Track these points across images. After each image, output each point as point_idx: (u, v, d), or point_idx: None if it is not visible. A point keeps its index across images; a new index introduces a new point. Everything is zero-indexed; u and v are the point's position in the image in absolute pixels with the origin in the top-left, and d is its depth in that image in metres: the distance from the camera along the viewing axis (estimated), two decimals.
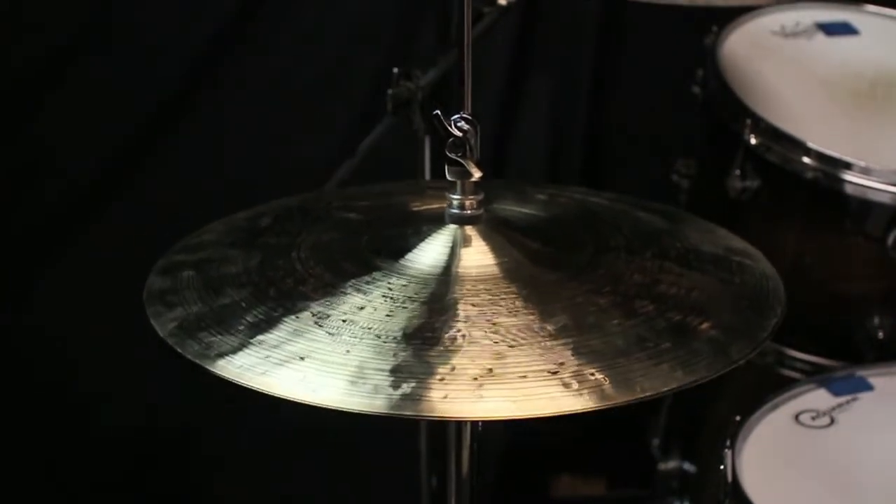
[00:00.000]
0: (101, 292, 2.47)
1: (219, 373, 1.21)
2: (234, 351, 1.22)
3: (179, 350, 1.24)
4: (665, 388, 1.18)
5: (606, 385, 1.17)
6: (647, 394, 1.17)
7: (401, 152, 1.96)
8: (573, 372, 1.18)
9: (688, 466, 2.26)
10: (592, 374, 1.18)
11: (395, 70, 1.92)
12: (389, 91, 1.92)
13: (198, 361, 1.22)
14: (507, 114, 2.70)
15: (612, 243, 1.37)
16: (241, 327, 1.25)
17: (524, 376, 1.18)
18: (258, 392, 1.21)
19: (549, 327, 1.23)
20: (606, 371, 1.19)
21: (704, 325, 1.26)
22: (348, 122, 2.52)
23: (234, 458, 2.63)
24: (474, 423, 1.37)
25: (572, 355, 1.20)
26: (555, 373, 1.18)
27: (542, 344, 1.21)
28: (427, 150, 1.93)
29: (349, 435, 2.42)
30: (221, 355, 1.22)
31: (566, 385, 1.17)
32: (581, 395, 1.17)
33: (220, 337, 1.24)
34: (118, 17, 2.46)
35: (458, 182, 1.33)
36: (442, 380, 1.17)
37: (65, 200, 2.52)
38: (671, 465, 2.28)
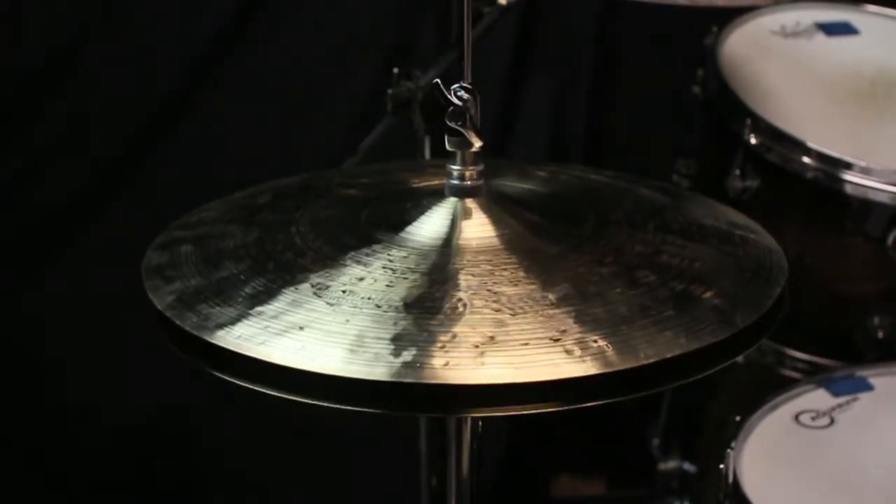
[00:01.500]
0: (101, 292, 2.47)
1: (218, 343, 1.20)
2: (233, 322, 1.22)
3: (178, 322, 1.23)
4: (669, 354, 1.18)
5: (609, 352, 1.17)
6: (651, 360, 1.17)
7: (401, 152, 1.96)
8: (576, 339, 1.18)
9: (688, 466, 2.27)
10: (595, 341, 1.18)
11: (395, 70, 1.92)
12: (389, 91, 1.92)
13: (196, 333, 1.22)
14: (508, 113, 2.70)
15: (614, 217, 1.37)
16: (240, 299, 1.24)
17: (526, 343, 1.18)
18: (258, 391, 1.20)
19: (551, 296, 1.22)
20: (609, 338, 1.18)
21: (708, 294, 1.26)
22: (348, 122, 2.52)
23: (234, 457, 2.63)
24: (474, 422, 1.37)
25: (574, 323, 1.19)
26: (557, 340, 1.18)
27: (544, 312, 1.21)
28: (427, 150, 1.93)
29: (349, 435, 2.42)
30: (220, 326, 1.22)
31: (569, 352, 1.17)
32: (584, 361, 1.16)
33: (218, 308, 1.24)
34: (118, 17, 2.46)
35: (458, 152, 1.33)
36: (443, 347, 1.17)
37: (65, 200, 2.52)
38: (671, 465, 2.28)
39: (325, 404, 1.18)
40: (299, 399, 1.18)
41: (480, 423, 1.38)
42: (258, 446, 2.60)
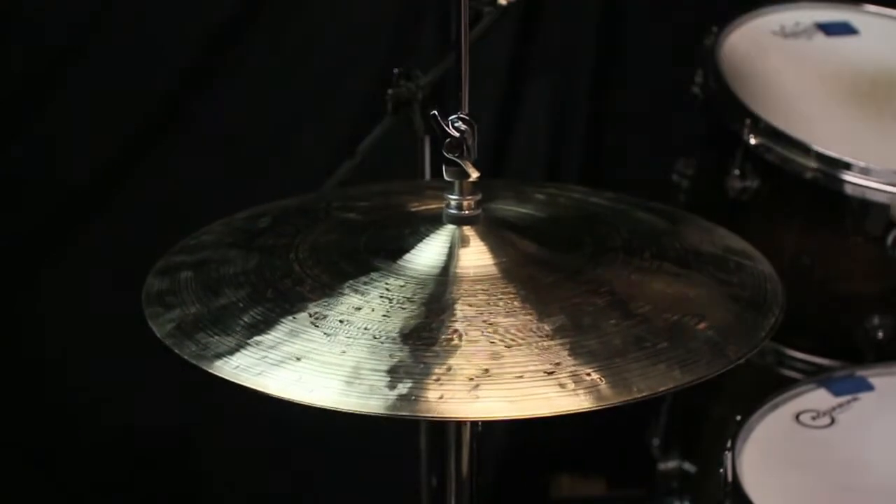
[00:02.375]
0: (101, 292, 2.47)
1: (216, 373, 1.21)
2: (231, 352, 1.23)
3: (177, 351, 1.24)
4: (662, 388, 1.18)
5: (602, 385, 1.18)
6: (644, 394, 1.18)
7: (401, 152, 1.96)
8: (569, 372, 1.19)
9: (688, 466, 2.26)
10: (588, 375, 1.18)
11: (395, 70, 1.92)
12: (389, 91, 1.92)
13: (195, 362, 1.22)
14: (507, 114, 2.70)
15: (611, 244, 1.37)
16: (239, 328, 1.25)
17: (520, 376, 1.18)
18: (257, 392, 1.21)
19: (547, 327, 1.23)
20: (603, 371, 1.19)
21: (702, 325, 1.26)
22: (348, 122, 2.52)
23: (233, 458, 2.63)
24: (474, 423, 1.37)
25: (569, 355, 1.20)
26: (551, 373, 1.18)
27: (539, 344, 1.21)
28: (427, 150, 1.93)
29: (349, 435, 2.42)
30: (218, 356, 1.22)
31: (562, 385, 1.17)
32: (577, 395, 1.17)
33: (217, 337, 1.24)
34: (118, 17, 2.46)
35: (456, 182, 1.33)
36: (438, 380, 1.18)
37: (65, 200, 2.52)
38: (671, 465, 2.28)
39: (325, 406, 1.18)
40: (299, 400, 1.19)
41: (480, 424, 1.38)
42: (258, 446, 2.60)
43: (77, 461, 2.58)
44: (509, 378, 1.18)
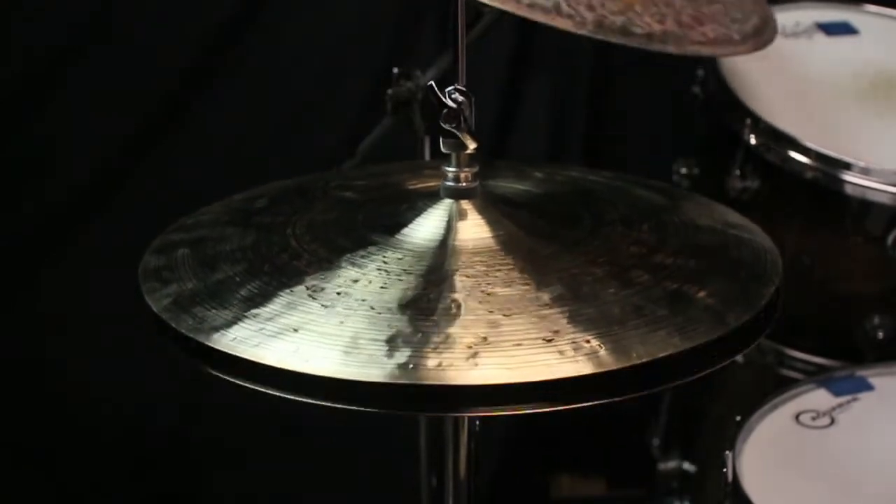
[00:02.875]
0: (101, 292, 2.47)
1: (212, 346, 1.21)
2: (228, 324, 1.22)
3: (174, 325, 1.24)
4: (661, 354, 1.18)
5: (602, 351, 1.17)
6: (644, 359, 1.17)
7: (401, 152, 1.96)
8: (569, 339, 1.18)
9: (688, 466, 2.26)
10: (588, 342, 1.18)
11: (395, 70, 1.92)
12: (389, 91, 1.92)
13: (192, 335, 1.22)
14: (507, 113, 2.70)
15: (609, 217, 1.37)
16: (236, 301, 1.25)
17: (519, 344, 1.18)
18: (257, 391, 1.21)
19: (545, 297, 1.23)
20: (602, 338, 1.18)
21: (701, 293, 1.26)
22: (348, 122, 2.52)
23: (232, 457, 2.63)
24: (472, 423, 1.37)
25: (568, 323, 1.20)
26: (550, 340, 1.18)
27: (538, 313, 1.21)
28: (427, 150, 1.93)
29: (349, 434, 2.42)
30: (215, 329, 1.22)
31: (561, 352, 1.17)
32: (577, 361, 1.17)
33: (214, 311, 1.24)
34: (118, 17, 2.46)
35: (453, 154, 1.33)
36: (436, 349, 1.17)
37: (65, 200, 2.52)
38: (671, 465, 2.27)
39: (322, 403, 1.18)
40: (296, 398, 1.18)
41: (478, 422, 1.38)
42: (258, 446, 2.60)
43: (77, 461, 2.58)
44: (508, 346, 1.18)
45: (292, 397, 1.19)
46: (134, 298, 1.35)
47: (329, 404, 1.18)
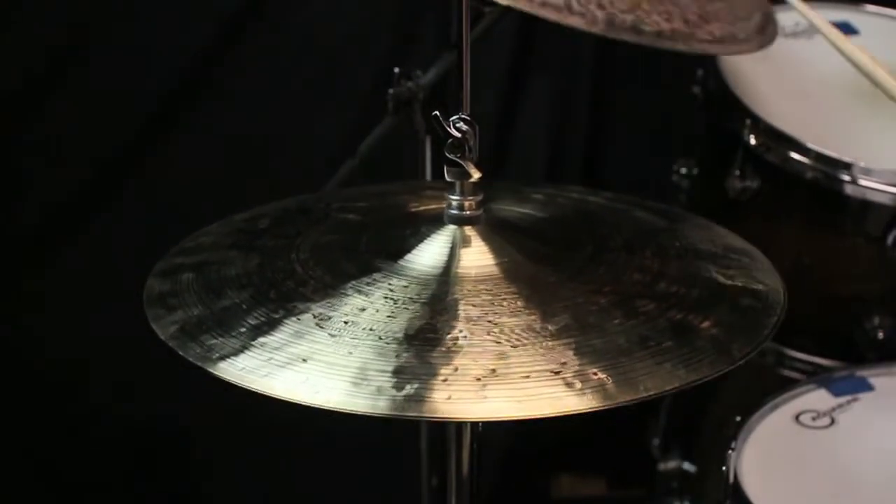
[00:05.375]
0: (101, 293, 2.47)
1: (221, 375, 1.21)
2: (236, 353, 1.22)
3: (181, 353, 1.24)
4: (668, 387, 1.18)
5: (609, 384, 1.17)
6: (651, 393, 1.17)
7: (401, 152, 1.96)
8: (576, 371, 1.18)
9: (688, 466, 2.26)
10: (595, 374, 1.18)
11: (395, 70, 1.92)
12: (389, 91, 1.92)
13: (200, 364, 1.22)
14: (507, 114, 2.70)
15: (611, 243, 1.37)
16: (243, 329, 1.25)
17: (527, 376, 1.18)
18: (259, 393, 1.21)
19: (551, 327, 1.23)
20: (609, 370, 1.19)
21: (705, 324, 1.26)
22: (348, 122, 2.52)
23: (232, 458, 2.62)
24: (474, 423, 1.37)
25: (574, 355, 1.20)
26: (557, 373, 1.18)
27: (544, 344, 1.21)
28: (427, 150, 1.93)
29: (349, 435, 2.42)
30: (223, 358, 1.22)
31: (569, 385, 1.17)
32: (584, 394, 1.17)
33: (221, 339, 1.24)
34: (118, 17, 2.46)
35: (457, 183, 1.33)
36: (445, 380, 1.17)
37: (65, 201, 2.52)
38: (671, 465, 2.27)
39: (327, 407, 1.18)
40: (300, 401, 1.18)
41: (481, 424, 1.38)
42: (258, 447, 2.60)
43: (77, 461, 2.58)
44: (516, 378, 1.18)
45: (295, 400, 1.19)
46: (134, 298, 1.35)
47: (333, 408, 1.18)
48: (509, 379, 1.18)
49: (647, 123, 2.72)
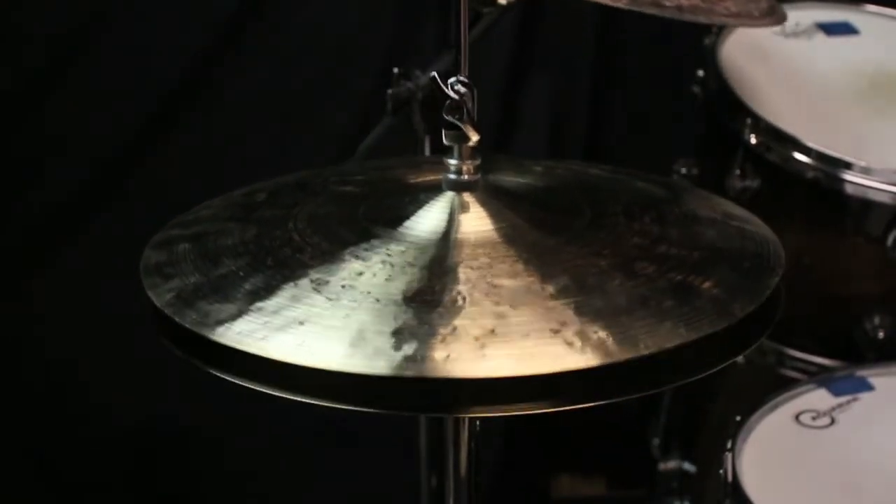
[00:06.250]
0: (101, 292, 2.47)
1: (218, 339, 1.20)
2: (233, 318, 1.22)
3: (177, 319, 1.23)
4: (668, 345, 1.17)
5: (610, 342, 1.17)
6: (651, 350, 1.17)
7: (401, 152, 1.96)
8: (576, 331, 1.18)
9: (688, 466, 2.26)
10: (595, 332, 1.18)
11: (395, 70, 1.92)
12: (389, 91, 1.92)
13: (196, 330, 1.22)
14: (507, 113, 2.70)
15: (611, 209, 1.36)
16: (240, 295, 1.24)
17: (526, 335, 1.17)
18: (258, 391, 1.20)
19: (550, 288, 1.22)
20: (609, 329, 1.18)
21: (706, 284, 1.26)
22: (348, 122, 2.52)
23: (232, 457, 2.63)
24: (472, 422, 1.37)
25: (574, 315, 1.19)
26: (557, 332, 1.18)
27: (544, 304, 1.20)
28: (427, 150, 1.93)
29: (349, 434, 2.42)
30: (220, 322, 1.21)
31: (569, 343, 1.17)
32: (584, 352, 1.16)
33: (218, 305, 1.23)
34: (118, 17, 2.46)
35: (455, 147, 1.33)
36: (443, 340, 1.17)
37: (65, 200, 2.52)
38: (671, 465, 2.27)
39: (325, 404, 1.18)
40: (299, 398, 1.18)
41: (478, 422, 1.38)
42: (258, 446, 2.60)
43: (77, 461, 2.58)
44: (516, 337, 1.17)
45: (292, 397, 1.18)
46: (134, 298, 1.35)
47: (331, 404, 1.17)
48: (508, 338, 1.17)
49: (647, 123, 2.72)
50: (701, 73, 2.26)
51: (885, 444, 1.79)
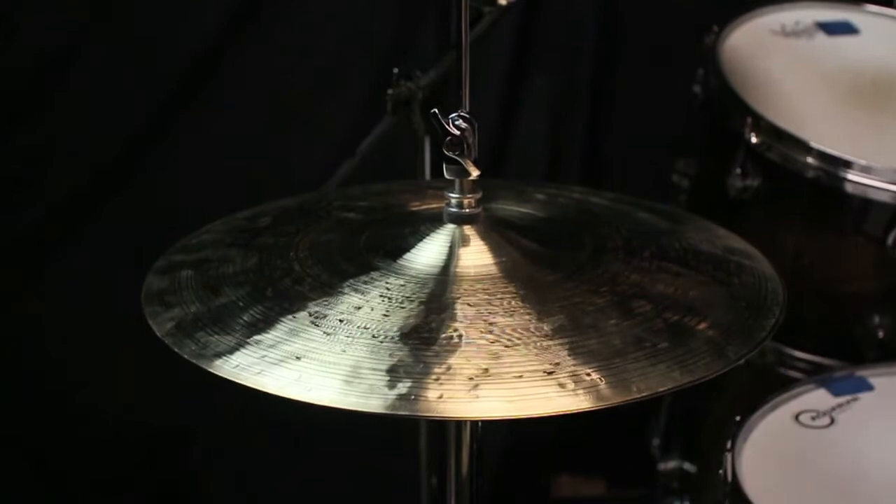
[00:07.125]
0: (101, 292, 2.47)
1: (215, 372, 1.21)
2: (231, 350, 1.23)
3: (177, 350, 1.24)
4: (662, 389, 1.18)
5: (602, 385, 1.17)
6: (644, 394, 1.17)
7: (401, 152, 1.96)
8: (569, 372, 1.18)
9: (688, 466, 2.26)
10: (588, 375, 1.18)
11: (395, 70, 1.92)
12: (389, 91, 1.92)
13: (194, 361, 1.22)
14: (507, 114, 2.70)
15: (611, 243, 1.37)
16: (238, 327, 1.25)
17: (520, 376, 1.18)
18: (257, 391, 1.21)
19: (546, 327, 1.23)
20: (602, 371, 1.19)
21: (702, 325, 1.26)
22: (348, 122, 2.52)
23: (231, 457, 2.63)
24: (474, 423, 1.37)
25: (568, 355, 1.20)
26: (550, 373, 1.18)
27: (539, 344, 1.21)
28: (427, 150, 1.93)
29: (349, 434, 2.42)
30: (218, 355, 1.22)
31: (562, 385, 1.17)
32: (577, 395, 1.17)
33: (216, 336, 1.24)
34: (118, 17, 2.46)
35: (456, 181, 1.33)
36: (437, 380, 1.17)
37: (65, 200, 2.52)
38: (671, 465, 2.27)
39: (325, 404, 1.18)
40: (293, 398, 1.19)
41: (480, 424, 1.38)
42: (257, 447, 2.60)
43: (76, 460, 2.58)
44: (509, 378, 1.18)
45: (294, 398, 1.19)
46: (134, 298, 1.35)
47: (331, 406, 1.18)
48: (502, 378, 1.18)
49: (647, 123, 2.72)
50: (701, 72, 2.26)
51: (884, 443, 1.79)
